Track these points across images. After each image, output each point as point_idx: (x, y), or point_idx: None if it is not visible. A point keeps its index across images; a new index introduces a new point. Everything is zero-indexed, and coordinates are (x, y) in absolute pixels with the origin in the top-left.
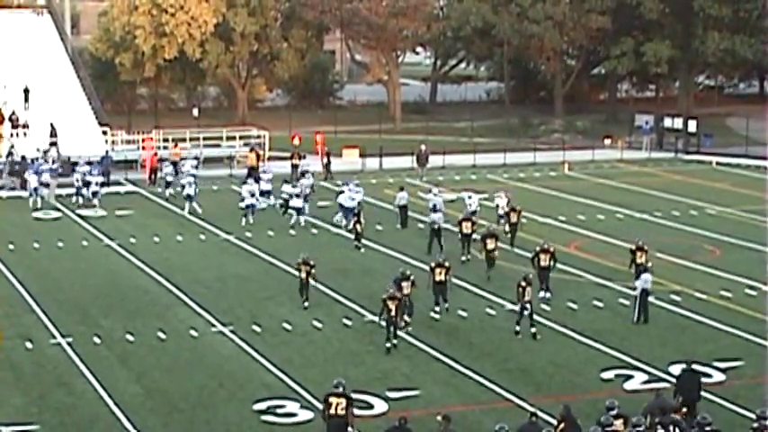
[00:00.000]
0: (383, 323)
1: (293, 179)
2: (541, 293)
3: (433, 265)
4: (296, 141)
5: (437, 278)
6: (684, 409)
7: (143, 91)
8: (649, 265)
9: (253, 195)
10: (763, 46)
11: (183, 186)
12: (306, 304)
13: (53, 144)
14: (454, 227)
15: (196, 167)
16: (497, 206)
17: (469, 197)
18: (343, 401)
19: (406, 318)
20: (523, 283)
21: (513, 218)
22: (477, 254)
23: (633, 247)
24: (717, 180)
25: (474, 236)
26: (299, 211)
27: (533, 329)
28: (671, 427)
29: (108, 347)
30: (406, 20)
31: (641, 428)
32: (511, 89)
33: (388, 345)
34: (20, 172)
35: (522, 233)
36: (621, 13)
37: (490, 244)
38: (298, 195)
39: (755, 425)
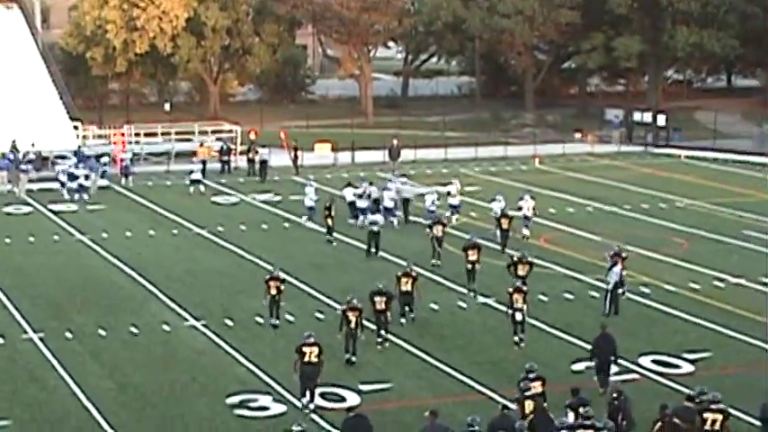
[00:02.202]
0: (340, 337)
1: (251, 173)
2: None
3: (399, 274)
4: (252, 136)
5: (403, 288)
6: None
7: (114, 86)
8: (624, 255)
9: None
10: (730, 40)
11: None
12: (276, 322)
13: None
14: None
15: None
16: (520, 208)
17: (433, 198)
18: (315, 349)
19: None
20: (511, 290)
21: (505, 224)
22: (451, 248)
23: (611, 253)
24: (685, 173)
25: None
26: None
27: (517, 337)
28: (581, 409)
29: (80, 342)
30: (378, 14)
31: None
32: (482, 84)
33: (348, 356)
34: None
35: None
36: (591, 8)
37: (472, 255)
38: (361, 196)
39: (696, 401)
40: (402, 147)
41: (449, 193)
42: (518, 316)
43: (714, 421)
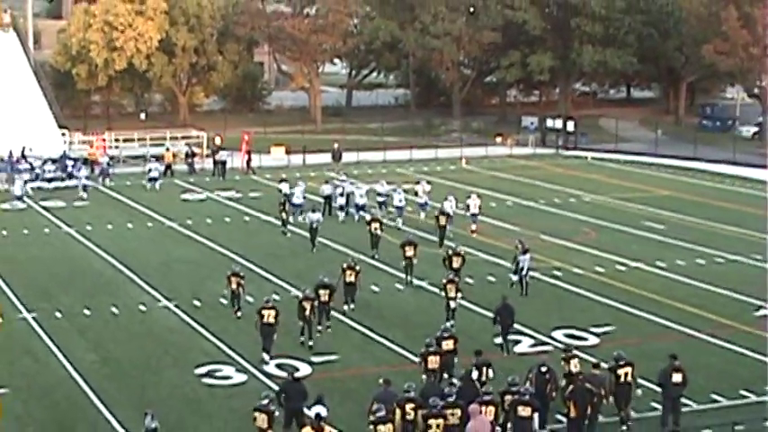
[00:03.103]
0: (300, 322)
1: (216, 174)
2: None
3: (344, 266)
4: (217, 141)
5: (347, 279)
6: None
7: (97, 98)
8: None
9: (157, 171)
10: (629, 58)
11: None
12: (239, 314)
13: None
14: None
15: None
16: (468, 206)
17: (401, 196)
18: (273, 312)
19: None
20: (444, 281)
21: (442, 221)
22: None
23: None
24: (592, 172)
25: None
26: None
27: (449, 323)
28: (484, 368)
29: (68, 321)
30: (325, 35)
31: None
32: (416, 95)
33: (302, 340)
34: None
35: (430, 219)
36: (509, 29)
37: (409, 251)
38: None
39: (612, 363)
40: (346, 150)
41: (416, 193)
42: (452, 304)
43: (626, 374)
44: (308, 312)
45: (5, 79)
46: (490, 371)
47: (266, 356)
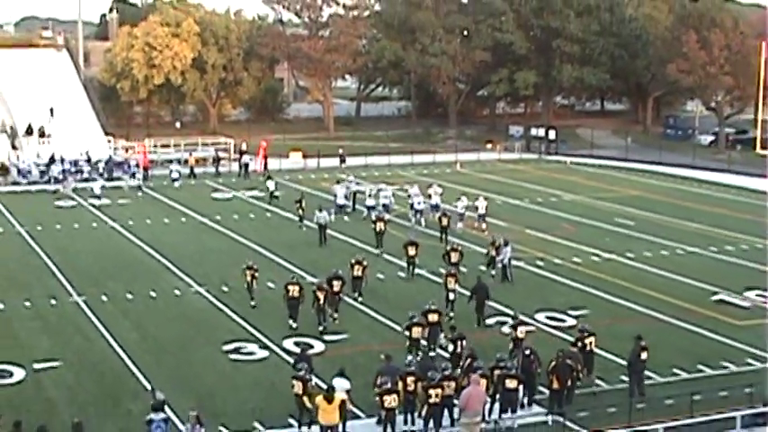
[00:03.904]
0: (313, 311)
1: (241, 175)
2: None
3: (353, 261)
4: (243, 146)
5: (355, 273)
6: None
7: (138, 109)
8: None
9: (178, 173)
10: (603, 75)
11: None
12: (253, 303)
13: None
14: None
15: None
16: (477, 208)
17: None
18: (297, 287)
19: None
20: (445, 273)
21: (444, 221)
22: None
23: (494, 244)
24: (570, 175)
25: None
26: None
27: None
28: (459, 342)
29: (113, 304)
30: (338, 55)
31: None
32: (416, 107)
33: (320, 328)
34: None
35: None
36: (498, 49)
37: (411, 251)
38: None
39: (577, 335)
40: (355, 155)
41: (429, 196)
42: (450, 296)
43: (590, 342)
44: (321, 301)
45: (60, 93)
46: (464, 342)
47: (293, 323)
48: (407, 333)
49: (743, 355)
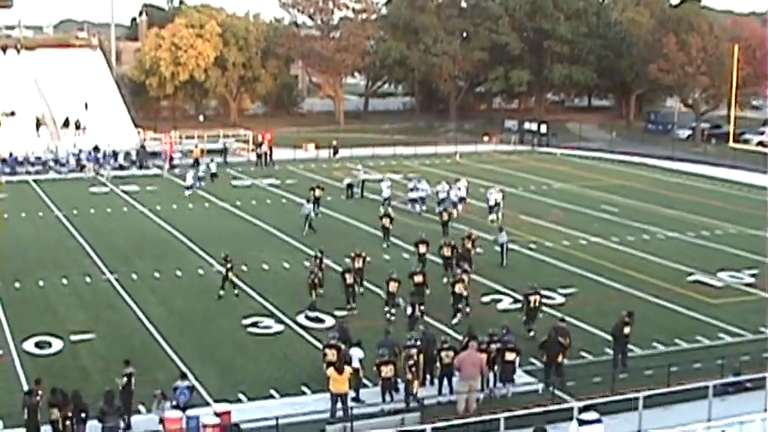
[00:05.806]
0: (343, 294)
1: (259, 165)
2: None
3: (352, 254)
4: (259, 138)
5: (356, 266)
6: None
7: (165, 103)
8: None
9: (194, 179)
10: (591, 73)
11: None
12: (221, 292)
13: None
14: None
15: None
16: (487, 200)
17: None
18: (319, 273)
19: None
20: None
21: (445, 216)
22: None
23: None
24: (561, 165)
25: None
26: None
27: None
28: (417, 306)
29: (142, 281)
30: (347, 54)
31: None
32: (419, 102)
33: (348, 307)
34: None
35: (431, 204)
36: (495, 49)
37: (422, 248)
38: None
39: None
40: (363, 146)
41: (459, 188)
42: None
43: (536, 300)
44: (349, 282)
45: (94, 89)
46: (422, 307)
47: (317, 293)
48: (386, 286)
49: (716, 330)
